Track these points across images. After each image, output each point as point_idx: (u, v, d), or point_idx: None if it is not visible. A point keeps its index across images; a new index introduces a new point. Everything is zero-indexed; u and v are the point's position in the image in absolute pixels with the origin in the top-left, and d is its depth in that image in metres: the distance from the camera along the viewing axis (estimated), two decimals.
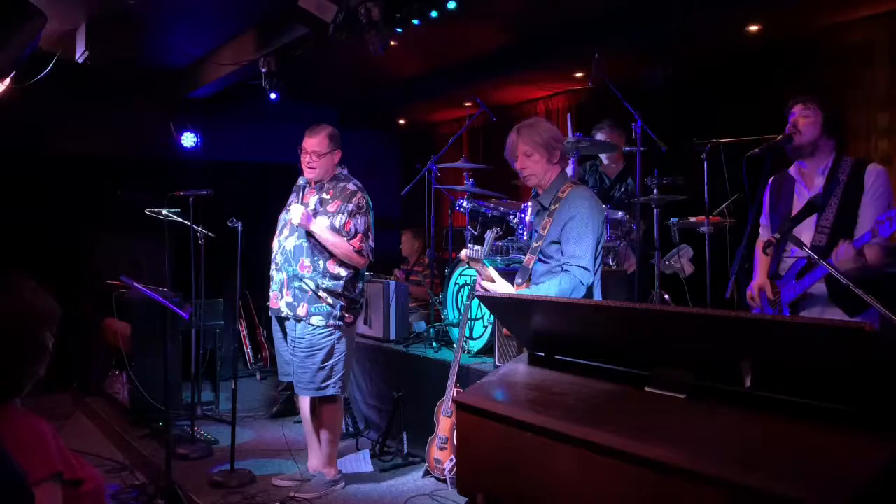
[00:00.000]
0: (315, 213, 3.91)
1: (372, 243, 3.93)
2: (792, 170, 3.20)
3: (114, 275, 5.23)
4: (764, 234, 3.30)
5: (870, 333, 1.45)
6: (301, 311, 3.88)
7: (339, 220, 3.87)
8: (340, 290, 3.88)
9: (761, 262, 3.24)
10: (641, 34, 5.75)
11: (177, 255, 5.23)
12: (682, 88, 6.07)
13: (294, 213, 3.81)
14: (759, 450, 1.58)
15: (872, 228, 2.66)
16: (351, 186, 3.97)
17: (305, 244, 3.88)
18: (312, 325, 3.87)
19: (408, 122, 9.47)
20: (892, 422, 1.49)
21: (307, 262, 3.88)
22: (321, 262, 3.87)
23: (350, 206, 3.88)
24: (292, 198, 4.04)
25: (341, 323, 3.90)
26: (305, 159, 3.96)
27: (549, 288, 3.08)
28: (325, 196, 3.96)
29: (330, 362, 3.90)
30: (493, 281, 3.23)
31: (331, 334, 3.89)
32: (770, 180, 3.29)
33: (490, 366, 4.22)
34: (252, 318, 7.29)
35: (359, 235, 3.87)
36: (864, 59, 5.26)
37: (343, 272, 3.90)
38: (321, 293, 3.86)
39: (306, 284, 3.87)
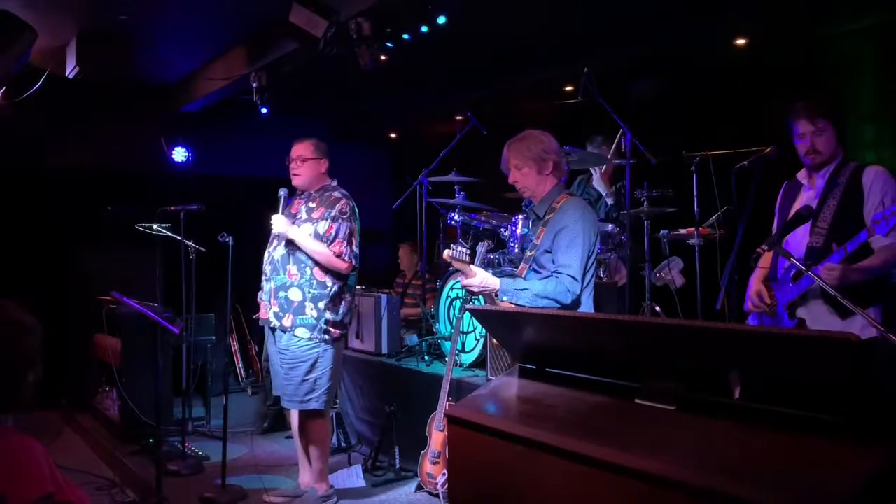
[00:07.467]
0: (301, 221, 3.94)
1: (356, 249, 3.93)
2: (800, 174, 3.19)
3: (104, 290, 5.21)
4: None
5: (856, 344, 1.46)
6: (286, 322, 3.89)
7: (322, 226, 3.89)
8: (326, 302, 3.87)
9: (758, 270, 3.24)
10: (631, 49, 5.79)
11: (168, 269, 5.22)
12: (671, 102, 6.11)
13: (274, 221, 3.90)
14: (749, 461, 1.59)
15: (868, 227, 2.64)
16: (336, 194, 4.00)
17: (291, 253, 3.91)
18: (297, 337, 3.87)
19: (399, 136, 9.50)
20: (880, 432, 1.50)
21: (294, 269, 3.90)
22: (308, 270, 3.88)
23: (333, 212, 3.91)
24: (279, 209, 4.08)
25: (327, 336, 3.89)
26: (291, 167, 4.03)
27: (534, 284, 3.10)
28: (311, 205, 4.01)
29: (313, 375, 3.88)
30: (474, 276, 3.15)
31: (314, 347, 3.88)
32: (783, 186, 3.27)
33: (482, 379, 4.22)
34: (243, 333, 7.24)
35: (338, 240, 3.87)
36: (850, 72, 5.31)
37: (329, 282, 3.89)
38: (307, 304, 3.86)
39: (294, 293, 3.87)
